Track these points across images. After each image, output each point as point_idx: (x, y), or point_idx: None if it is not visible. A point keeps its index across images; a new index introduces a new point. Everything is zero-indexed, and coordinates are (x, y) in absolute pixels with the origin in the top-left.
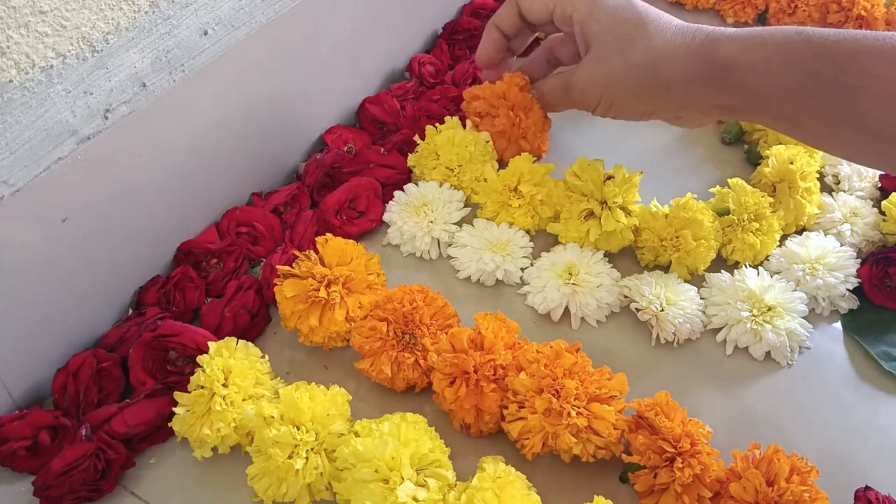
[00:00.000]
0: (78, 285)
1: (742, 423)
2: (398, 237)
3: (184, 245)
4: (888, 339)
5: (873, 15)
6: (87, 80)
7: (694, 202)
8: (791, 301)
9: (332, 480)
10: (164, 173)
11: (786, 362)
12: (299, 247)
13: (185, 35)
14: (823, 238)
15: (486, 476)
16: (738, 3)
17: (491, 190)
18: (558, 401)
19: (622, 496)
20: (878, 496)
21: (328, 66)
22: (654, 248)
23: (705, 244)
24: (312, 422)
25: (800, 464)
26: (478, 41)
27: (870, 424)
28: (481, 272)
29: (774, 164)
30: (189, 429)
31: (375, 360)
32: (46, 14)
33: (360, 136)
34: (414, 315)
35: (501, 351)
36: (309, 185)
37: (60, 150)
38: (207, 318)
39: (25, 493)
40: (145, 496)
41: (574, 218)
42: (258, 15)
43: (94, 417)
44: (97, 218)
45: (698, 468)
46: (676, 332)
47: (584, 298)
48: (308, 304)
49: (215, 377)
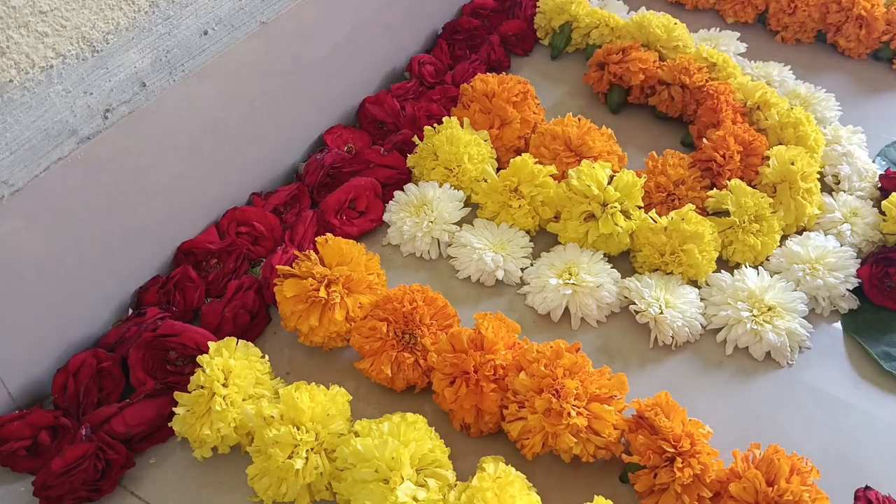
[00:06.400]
0: (78, 285)
1: (742, 423)
2: (398, 237)
3: (184, 245)
4: (888, 339)
5: (873, 15)
6: (87, 80)
7: (693, 213)
8: (791, 301)
9: (332, 480)
10: (164, 173)
11: (786, 362)
12: (299, 247)
13: (185, 35)
14: (823, 238)
15: (486, 476)
16: (738, 4)
17: (491, 190)
18: (558, 401)
19: (622, 496)
20: (878, 496)
21: (328, 66)
22: (653, 265)
23: (707, 256)
24: (312, 422)
25: (800, 464)
26: (478, 41)
27: (870, 424)
28: (481, 272)
29: (775, 165)
30: (189, 429)
31: (375, 360)
32: (46, 14)
33: (360, 136)
34: (414, 315)
35: (501, 351)
36: (309, 185)
37: (60, 150)
38: (207, 318)
39: (25, 493)
40: (145, 496)
41: (574, 219)
42: (258, 15)
43: (94, 417)
44: (97, 218)
45: (698, 468)
46: (675, 335)
47: (583, 299)
48: (308, 304)
49: (215, 377)
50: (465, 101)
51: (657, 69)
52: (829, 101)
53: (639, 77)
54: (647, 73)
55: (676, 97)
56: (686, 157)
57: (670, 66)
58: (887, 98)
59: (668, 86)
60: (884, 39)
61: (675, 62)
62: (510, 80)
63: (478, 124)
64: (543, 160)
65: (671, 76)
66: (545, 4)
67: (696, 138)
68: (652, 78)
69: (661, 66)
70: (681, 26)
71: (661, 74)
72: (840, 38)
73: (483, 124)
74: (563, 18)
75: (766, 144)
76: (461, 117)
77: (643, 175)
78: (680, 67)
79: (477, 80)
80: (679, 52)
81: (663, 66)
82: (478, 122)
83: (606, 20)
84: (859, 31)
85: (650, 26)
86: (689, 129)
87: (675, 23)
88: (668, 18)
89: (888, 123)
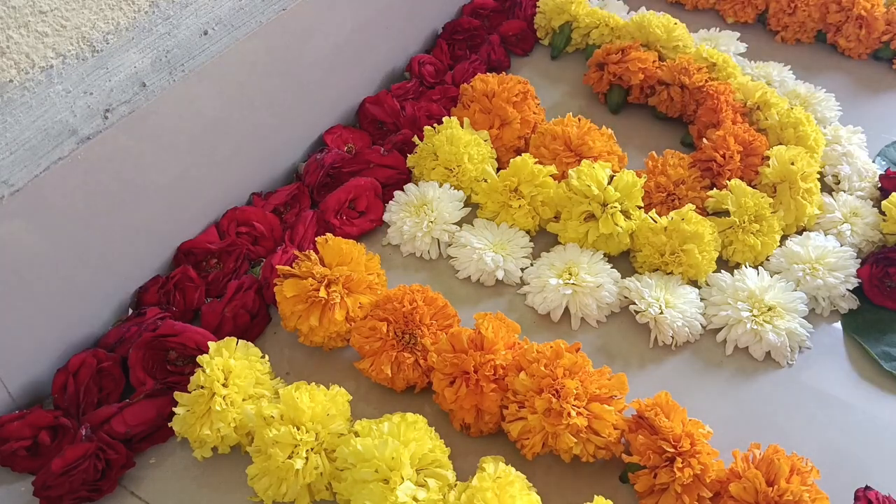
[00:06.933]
0: (78, 285)
1: (742, 423)
2: (398, 237)
3: (184, 245)
4: (888, 339)
5: (873, 15)
6: (87, 80)
7: (693, 213)
8: (791, 301)
9: (332, 480)
10: (164, 173)
11: (786, 362)
12: (299, 247)
13: (185, 35)
14: (823, 238)
15: (486, 476)
16: (738, 4)
17: (491, 190)
18: (558, 401)
19: (622, 496)
20: (878, 496)
21: (328, 66)
22: (653, 265)
23: (707, 256)
24: (312, 422)
25: (800, 464)
26: (478, 41)
27: (870, 424)
28: (481, 272)
29: (775, 165)
30: (189, 429)
31: (375, 360)
32: (46, 14)
33: (360, 136)
34: (414, 315)
35: (501, 351)
36: (309, 185)
37: (60, 150)
38: (207, 318)
39: (25, 493)
40: (145, 496)
41: (574, 219)
42: (258, 15)
43: (94, 417)
44: (97, 218)
45: (698, 468)
46: (675, 335)
47: (583, 299)
48: (308, 304)
49: (215, 377)
50: (465, 101)
51: (656, 69)
52: (829, 101)
53: (638, 77)
54: (646, 72)
55: (676, 98)
56: (686, 157)
57: (670, 66)
58: (887, 98)
59: (668, 86)
60: (884, 39)
61: (674, 62)
62: (510, 80)
63: (478, 124)
64: (543, 160)
65: (671, 76)
66: (545, 4)
67: (696, 138)
68: (651, 78)
69: (661, 67)
70: (681, 26)
71: (660, 75)
72: (840, 38)
73: (483, 124)
74: (563, 18)
75: (766, 144)
76: (461, 117)
77: (643, 175)
78: (679, 68)
79: (477, 80)
80: (679, 52)
81: (663, 67)
82: (478, 122)
83: (606, 20)
84: (859, 31)
85: (650, 26)
86: (689, 129)
87: (675, 23)
88: (668, 18)
89: (888, 123)
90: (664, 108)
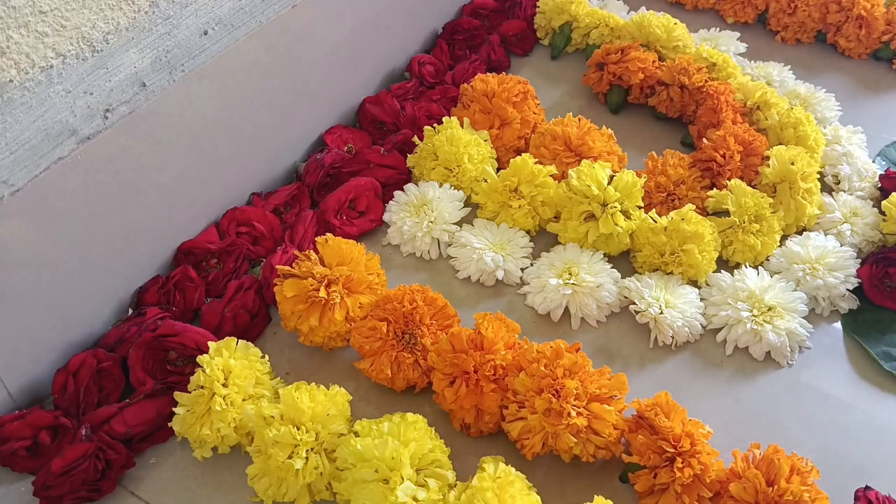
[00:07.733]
0: (78, 285)
1: (742, 423)
2: (398, 237)
3: (184, 245)
4: (888, 339)
5: (873, 15)
6: (87, 80)
7: (693, 213)
8: (791, 301)
9: (332, 480)
10: (164, 173)
11: (786, 362)
12: (299, 247)
13: (185, 35)
14: (823, 238)
15: (486, 476)
16: (738, 4)
17: (491, 190)
18: (558, 401)
19: (622, 496)
20: (878, 496)
21: (328, 66)
22: (653, 265)
23: (707, 256)
24: (312, 422)
25: (800, 464)
26: (478, 41)
27: (870, 424)
28: (481, 272)
29: (775, 165)
30: (189, 429)
31: (375, 360)
32: (46, 14)
33: (360, 136)
34: (414, 315)
35: (501, 351)
36: (309, 185)
37: (60, 150)
38: (207, 318)
39: (25, 493)
40: (145, 496)
41: (574, 219)
42: (258, 15)
43: (94, 417)
44: (97, 218)
45: (698, 468)
46: (675, 335)
47: (583, 299)
48: (308, 304)
49: (215, 377)
50: (465, 101)
51: (656, 69)
52: (829, 101)
53: (638, 77)
54: (646, 73)
55: (675, 98)
56: (686, 157)
57: (669, 66)
58: (887, 98)
59: (668, 86)
60: (884, 39)
61: (674, 63)
62: (510, 80)
63: (478, 124)
64: (543, 160)
65: (670, 77)
66: (545, 4)
67: (696, 138)
68: (651, 78)
69: (661, 67)
70: (681, 26)
71: (660, 75)
72: (840, 38)
73: (483, 124)
74: (563, 18)
75: (766, 144)
76: (461, 117)
77: (643, 175)
78: (679, 68)
79: (477, 80)
80: (679, 53)
81: (662, 67)
82: (478, 122)
83: (606, 20)
84: (859, 31)
85: (650, 26)
86: (689, 129)
87: (675, 23)
88: (668, 18)
89: (888, 123)
90: (664, 108)
